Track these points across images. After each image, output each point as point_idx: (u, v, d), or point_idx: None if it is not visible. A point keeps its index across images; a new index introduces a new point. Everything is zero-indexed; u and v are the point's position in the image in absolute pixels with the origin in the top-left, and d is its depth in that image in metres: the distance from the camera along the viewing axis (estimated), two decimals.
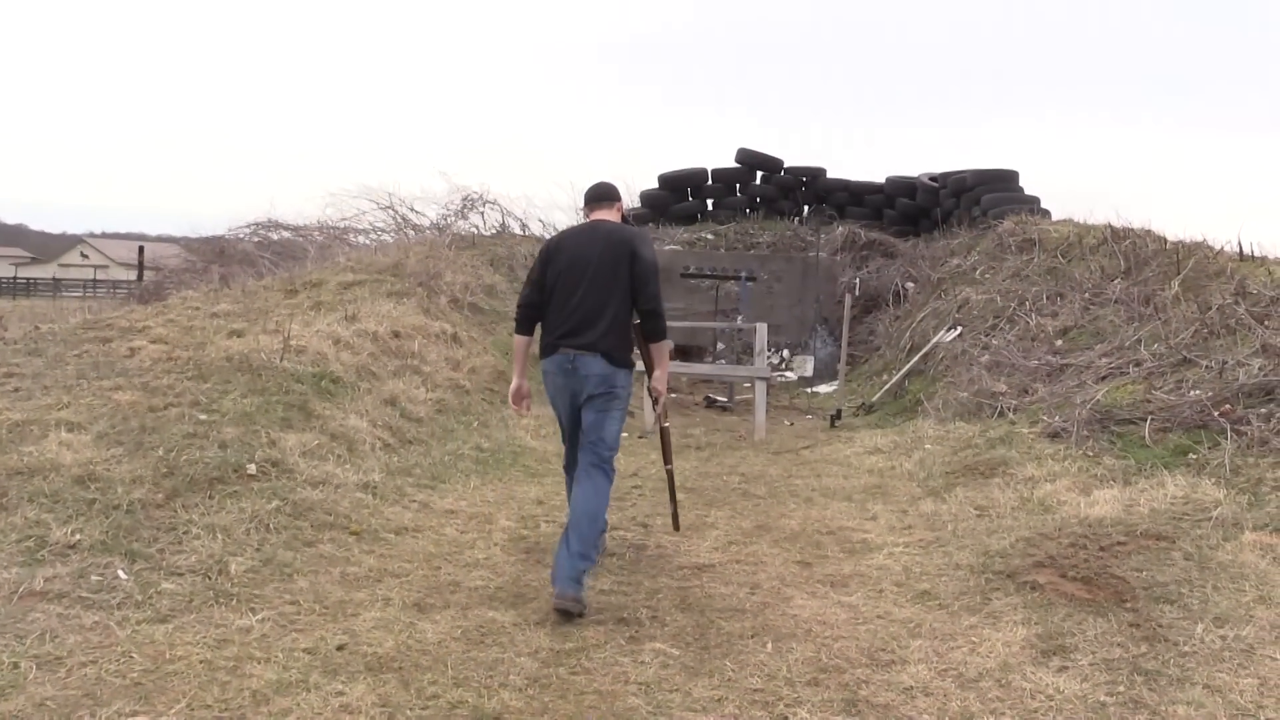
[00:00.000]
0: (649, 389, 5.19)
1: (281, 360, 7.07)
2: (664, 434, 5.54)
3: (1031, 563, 4.68)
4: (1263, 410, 5.92)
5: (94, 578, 4.13)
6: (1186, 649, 3.78)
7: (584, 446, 4.76)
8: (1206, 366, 6.85)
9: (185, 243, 18.07)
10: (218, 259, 14.29)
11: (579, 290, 4.75)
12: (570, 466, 4.96)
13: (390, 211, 15.87)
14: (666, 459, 5.57)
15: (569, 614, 4.25)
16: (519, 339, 5.01)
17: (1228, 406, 6.09)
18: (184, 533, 4.65)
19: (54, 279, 50.49)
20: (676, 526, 5.61)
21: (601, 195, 5.17)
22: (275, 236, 15.39)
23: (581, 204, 5.32)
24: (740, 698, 3.50)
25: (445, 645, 3.87)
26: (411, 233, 15.25)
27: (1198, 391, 6.46)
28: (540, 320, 4.88)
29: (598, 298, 4.73)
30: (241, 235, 15.53)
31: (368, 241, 15.08)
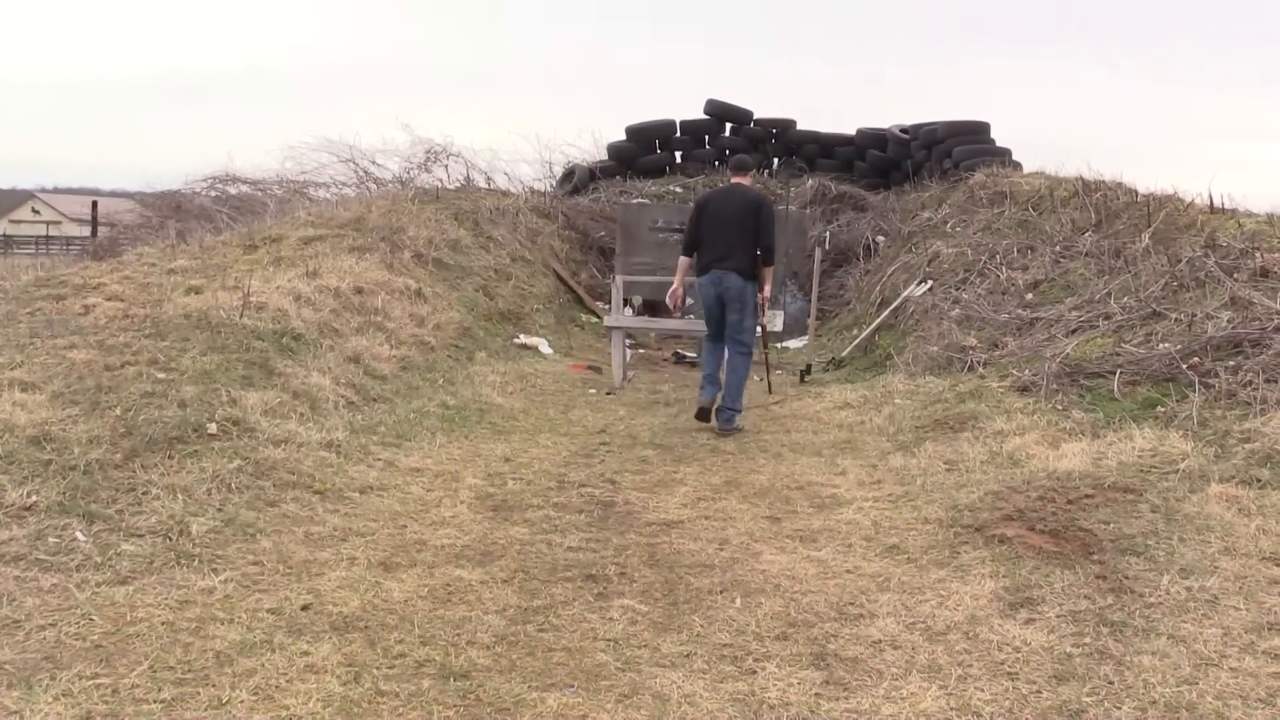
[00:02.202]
0: (760, 296, 7.60)
1: (241, 317, 6.94)
2: (764, 328, 8.34)
3: (1000, 516, 4.69)
4: (1231, 363, 5.95)
5: (52, 539, 4.05)
6: (1152, 600, 3.80)
7: (729, 339, 7.49)
8: (1176, 319, 6.88)
9: (140, 197, 17.71)
10: (174, 214, 14.01)
11: (722, 232, 7.43)
12: (712, 340, 7.67)
13: (351, 165, 15.62)
14: (765, 345, 8.83)
15: (720, 422, 7.27)
16: (684, 259, 7.84)
17: (1196, 359, 6.11)
18: (143, 493, 4.57)
19: (4, 235, 49.38)
20: (770, 390, 8.93)
21: (740, 166, 7.98)
22: (233, 191, 15.12)
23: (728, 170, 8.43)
24: (709, 653, 3.50)
25: (412, 604, 3.84)
26: (373, 186, 15.02)
27: (1167, 345, 6.49)
28: (696, 250, 7.62)
29: (736, 237, 7.39)
30: (198, 189, 15.23)
31: (328, 195, 14.83)
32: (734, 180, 7.84)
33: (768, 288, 7.63)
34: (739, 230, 7.39)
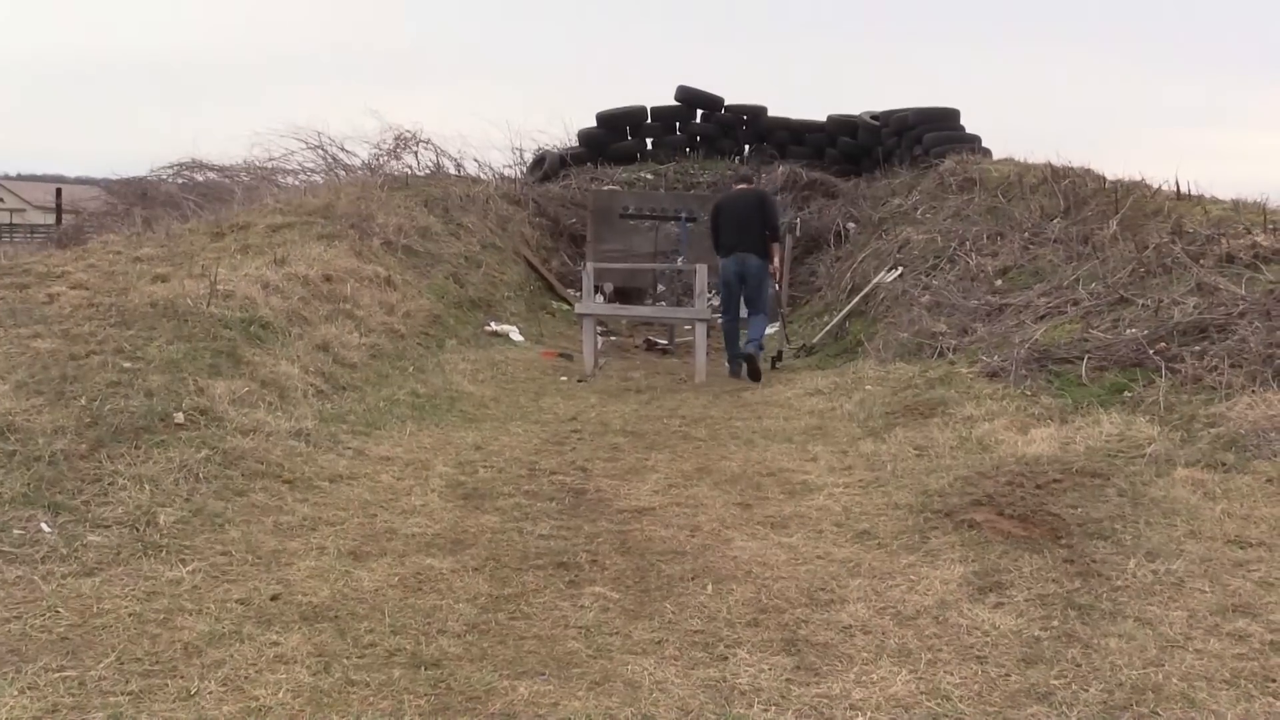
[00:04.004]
0: (771, 268, 9.59)
1: (208, 305, 6.87)
2: (775, 294, 10.61)
3: (969, 501, 4.72)
4: (1197, 348, 6.01)
5: (16, 531, 4.01)
6: (1119, 583, 3.84)
7: (749, 305, 9.45)
8: (1143, 305, 6.94)
9: (105, 185, 17.45)
10: (140, 201, 13.79)
11: (737, 224, 9.44)
12: (727, 313, 9.57)
13: (320, 151, 15.45)
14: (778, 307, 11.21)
15: (753, 364, 9.04)
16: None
17: (1163, 344, 6.17)
18: (110, 484, 4.52)
19: None
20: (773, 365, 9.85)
21: (743, 179, 10.59)
22: (200, 178, 14.93)
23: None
24: (680, 639, 3.50)
25: (382, 593, 3.82)
26: (342, 173, 14.87)
27: (1134, 330, 6.55)
28: (718, 242, 9.56)
29: (749, 226, 9.40)
30: (164, 176, 15.01)
31: (296, 182, 14.65)
32: (738, 188, 10.06)
33: (777, 259, 9.71)
34: (750, 221, 9.42)
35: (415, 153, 15.68)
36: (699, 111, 18.15)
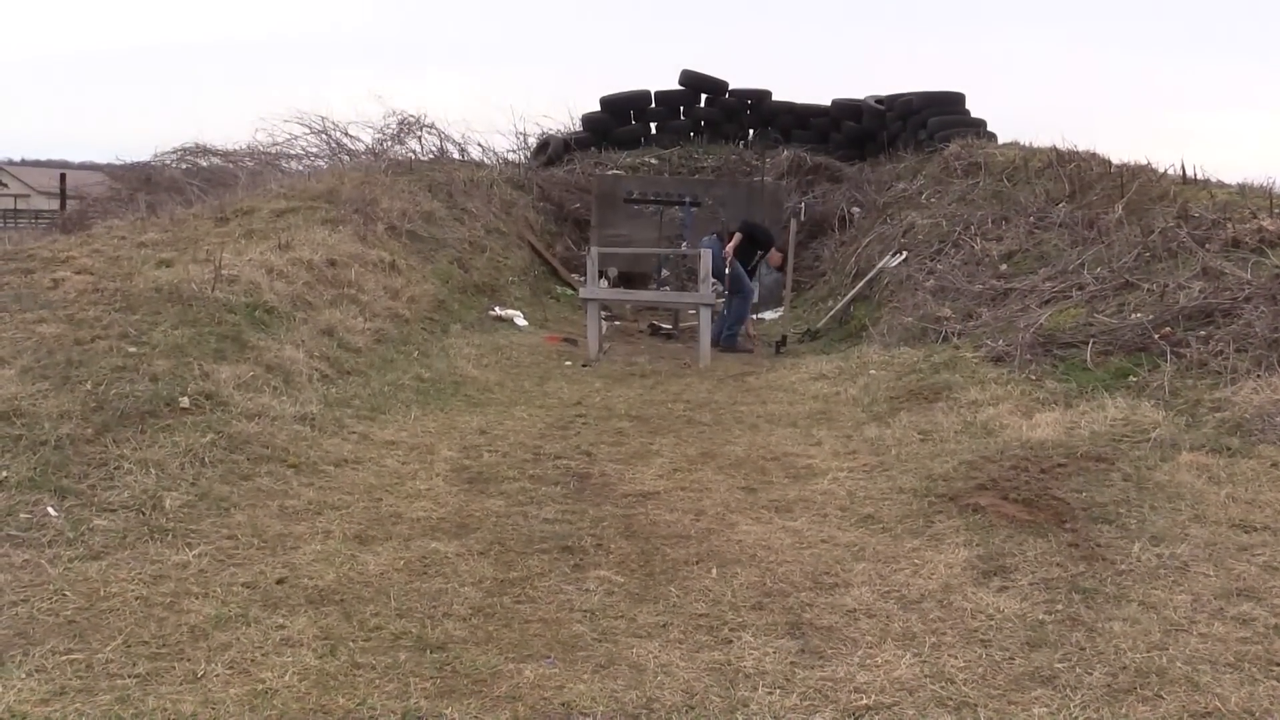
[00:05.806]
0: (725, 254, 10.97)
1: (213, 290, 6.87)
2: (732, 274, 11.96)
3: (974, 485, 4.72)
4: (1202, 333, 6.01)
5: (23, 515, 4.02)
6: (1123, 567, 3.84)
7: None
8: (1148, 290, 6.93)
9: (109, 170, 17.43)
10: (144, 186, 13.78)
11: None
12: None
13: (324, 136, 15.46)
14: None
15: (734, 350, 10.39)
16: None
17: (1168, 329, 6.16)
18: (115, 468, 4.53)
19: None
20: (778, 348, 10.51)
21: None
22: (204, 163, 14.93)
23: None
24: (685, 623, 3.51)
25: (387, 577, 3.83)
26: (346, 158, 14.87)
27: (1139, 315, 6.54)
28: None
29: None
30: (168, 162, 15.00)
31: (301, 167, 14.67)
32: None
33: (729, 246, 10.98)
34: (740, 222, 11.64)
35: (419, 137, 15.69)
36: (703, 96, 18.07)
